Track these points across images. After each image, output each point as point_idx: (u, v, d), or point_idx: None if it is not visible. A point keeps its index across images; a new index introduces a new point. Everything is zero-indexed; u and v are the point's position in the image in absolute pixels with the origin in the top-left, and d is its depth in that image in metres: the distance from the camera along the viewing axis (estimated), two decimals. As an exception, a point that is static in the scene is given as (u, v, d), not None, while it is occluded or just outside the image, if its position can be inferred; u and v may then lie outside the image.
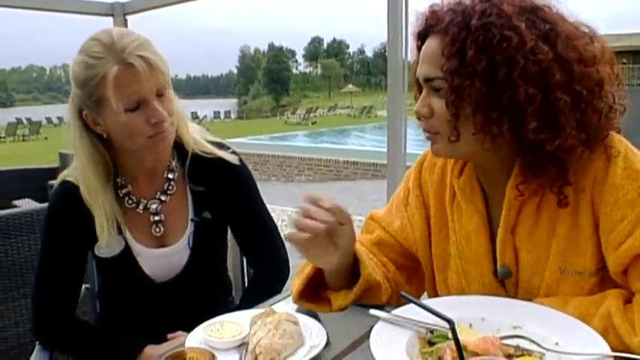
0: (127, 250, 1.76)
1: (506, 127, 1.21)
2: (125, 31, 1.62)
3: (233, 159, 1.83)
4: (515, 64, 1.17)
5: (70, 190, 1.72)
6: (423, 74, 1.29)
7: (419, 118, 1.32)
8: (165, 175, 1.81)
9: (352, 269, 1.37)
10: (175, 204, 1.81)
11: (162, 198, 1.80)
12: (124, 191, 1.78)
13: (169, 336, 1.71)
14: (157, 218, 1.79)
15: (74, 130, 1.68)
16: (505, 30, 1.18)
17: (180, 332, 1.69)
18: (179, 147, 1.81)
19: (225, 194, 1.83)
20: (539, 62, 1.17)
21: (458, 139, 1.25)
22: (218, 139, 1.90)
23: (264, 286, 1.81)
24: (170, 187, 1.80)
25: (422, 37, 1.32)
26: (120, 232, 1.75)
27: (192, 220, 1.81)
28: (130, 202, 1.78)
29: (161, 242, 1.80)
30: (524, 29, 1.18)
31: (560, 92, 1.18)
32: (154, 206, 1.78)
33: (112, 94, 1.55)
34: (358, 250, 1.37)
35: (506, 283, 1.36)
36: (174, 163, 1.82)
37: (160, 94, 1.62)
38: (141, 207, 1.78)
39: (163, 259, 1.80)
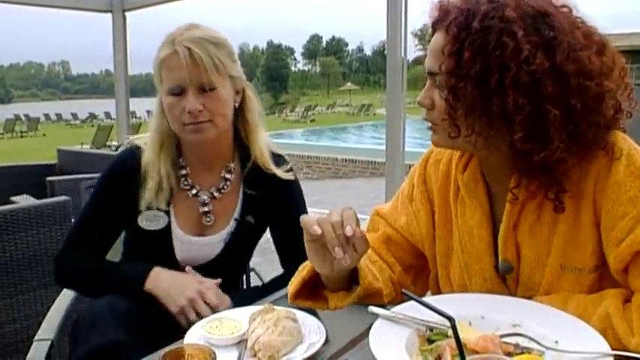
0: (167, 229, 1.84)
1: (495, 132, 1.21)
2: (202, 27, 1.76)
3: (287, 175, 1.93)
4: (507, 72, 1.16)
5: (135, 153, 1.85)
6: (427, 67, 1.30)
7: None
8: (222, 175, 1.89)
9: (351, 275, 1.36)
10: (225, 202, 1.90)
11: (215, 194, 1.88)
12: (182, 172, 1.87)
13: (187, 268, 1.82)
14: (206, 209, 1.87)
15: (157, 100, 1.83)
16: (503, 36, 1.16)
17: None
18: (244, 152, 1.89)
19: (273, 203, 1.90)
20: (532, 72, 1.16)
21: (458, 136, 1.25)
22: (280, 152, 2.00)
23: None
24: (225, 187, 1.89)
25: (433, 27, 1.31)
26: (167, 210, 1.83)
27: (235, 219, 1.88)
28: (185, 183, 1.87)
29: (200, 231, 1.88)
30: (522, 37, 1.16)
31: (551, 105, 1.16)
32: (203, 197, 1.87)
33: (158, 74, 1.76)
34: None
35: (507, 278, 1.37)
36: (232, 165, 1.90)
37: (205, 90, 1.72)
38: (192, 192, 1.87)
39: (197, 247, 1.87)
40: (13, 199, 4.41)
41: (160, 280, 1.74)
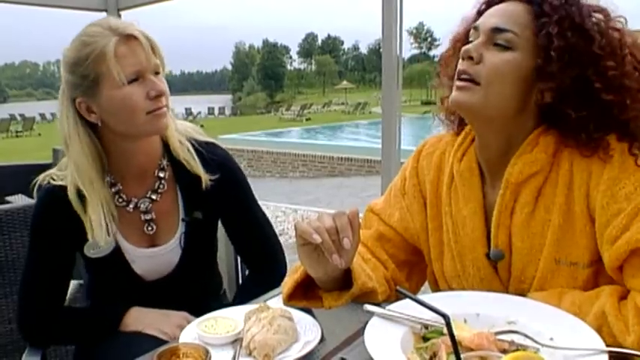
0: (117, 250, 1.74)
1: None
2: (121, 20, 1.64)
3: (208, 175, 1.77)
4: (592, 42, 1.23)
5: (56, 192, 1.69)
6: (492, 23, 1.29)
7: (463, 59, 1.31)
8: (156, 174, 1.78)
9: (344, 276, 1.36)
10: (166, 203, 1.79)
11: (153, 197, 1.77)
12: (113, 190, 1.75)
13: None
14: (147, 217, 1.77)
15: (68, 120, 1.66)
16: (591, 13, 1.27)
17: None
18: (168, 146, 1.78)
19: (216, 195, 1.79)
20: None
21: (519, 105, 1.29)
22: (209, 139, 1.88)
23: (259, 286, 1.73)
24: (161, 186, 1.78)
25: (494, 3, 1.35)
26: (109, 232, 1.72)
27: (183, 219, 1.79)
28: (120, 200, 1.75)
29: (152, 242, 1.79)
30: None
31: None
32: (144, 205, 1.76)
33: (113, 65, 1.57)
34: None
35: (498, 268, 1.37)
36: (164, 162, 1.79)
37: (156, 73, 1.64)
38: (131, 206, 1.76)
39: (154, 259, 1.79)
40: (9, 198, 4.38)
41: (141, 316, 1.72)
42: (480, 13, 1.36)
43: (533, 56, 1.26)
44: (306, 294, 1.41)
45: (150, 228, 1.77)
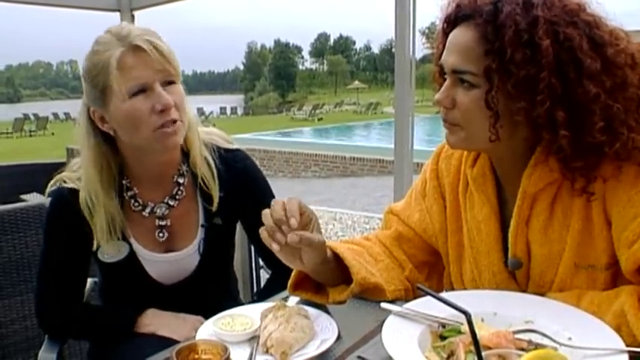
0: (132, 255, 1.73)
1: (568, 127, 1.18)
2: (138, 26, 1.61)
3: (225, 188, 1.77)
4: (581, 63, 1.16)
5: (67, 196, 1.69)
6: (451, 64, 1.26)
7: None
8: (175, 180, 1.76)
9: (344, 271, 1.37)
10: (184, 209, 1.77)
11: (171, 203, 1.75)
12: (129, 194, 1.74)
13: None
14: (162, 223, 1.75)
15: (82, 129, 1.67)
16: (568, 27, 1.17)
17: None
18: (188, 153, 1.76)
19: (237, 201, 1.79)
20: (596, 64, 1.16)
21: (498, 138, 1.24)
22: (234, 147, 1.86)
23: (282, 287, 1.79)
24: (179, 192, 1.76)
25: (452, 23, 1.28)
26: (124, 237, 1.72)
27: (202, 226, 1.77)
28: (135, 204, 1.74)
29: (168, 247, 1.77)
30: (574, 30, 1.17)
31: (619, 95, 1.17)
32: (160, 211, 1.75)
33: (115, 77, 1.53)
34: (346, 256, 1.37)
35: (516, 274, 1.36)
36: (184, 168, 1.77)
37: (169, 83, 1.60)
38: (147, 211, 1.74)
39: (171, 264, 1.76)
40: (23, 197, 4.41)
41: (157, 318, 1.72)
42: (445, 33, 1.30)
43: (496, 86, 1.20)
44: (316, 288, 1.42)
45: (162, 235, 1.75)
